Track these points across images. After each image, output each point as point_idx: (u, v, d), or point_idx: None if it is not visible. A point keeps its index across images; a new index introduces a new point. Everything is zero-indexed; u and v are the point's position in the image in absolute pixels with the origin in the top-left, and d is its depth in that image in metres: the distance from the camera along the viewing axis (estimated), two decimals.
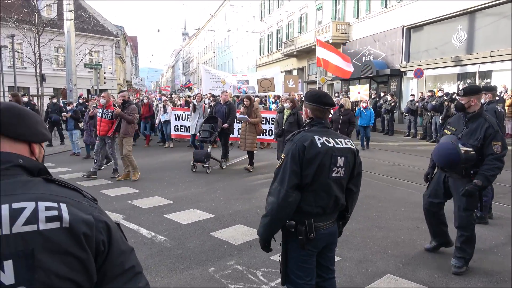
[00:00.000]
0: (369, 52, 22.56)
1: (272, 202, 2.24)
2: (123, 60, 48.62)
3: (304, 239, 2.26)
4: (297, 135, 2.33)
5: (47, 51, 24.86)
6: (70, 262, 1.00)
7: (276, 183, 2.26)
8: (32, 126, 1.14)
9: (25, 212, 0.97)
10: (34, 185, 1.05)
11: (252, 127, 8.62)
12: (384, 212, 5.61)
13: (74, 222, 1.02)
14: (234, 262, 3.98)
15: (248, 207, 5.93)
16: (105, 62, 30.98)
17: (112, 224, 1.13)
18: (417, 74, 16.73)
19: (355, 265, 3.88)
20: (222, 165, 8.95)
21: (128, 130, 7.71)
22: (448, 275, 3.66)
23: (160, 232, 4.87)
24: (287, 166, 2.23)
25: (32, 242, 0.96)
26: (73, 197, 1.09)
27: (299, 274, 2.33)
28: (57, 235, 0.99)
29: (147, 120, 13.21)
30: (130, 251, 1.16)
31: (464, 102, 3.71)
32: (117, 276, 1.10)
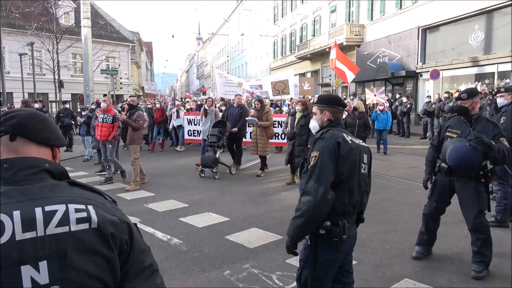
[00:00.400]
0: (383, 54, 22.34)
1: (309, 201, 2.15)
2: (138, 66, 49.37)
3: (339, 241, 2.21)
4: (327, 133, 2.32)
5: (65, 57, 25.41)
6: (98, 262, 1.05)
7: (313, 181, 2.18)
8: (54, 131, 1.19)
9: (57, 214, 1.02)
10: (62, 189, 1.10)
11: (263, 130, 8.47)
12: (401, 216, 5.54)
13: (102, 223, 1.07)
14: (249, 265, 3.98)
15: (263, 210, 5.93)
16: (121, 68, 31.49)
17: (132, 224, 1.18)
18: (433, 75, 16.48)
19: (372, 269, 3.83)
20: (231, 170, 8.77)
21: (134, 137, 7.61)
22: (467, 279, 3.58)
23: (175, 235, 4.91)
24: (324, 163, 2.18)
25: (64, 243, 1.01)
26: (97, 199, 1.13)
27: (324, 280, 2.27)
28: (87, 236, 1.04)
29: (160, 124, 13.18)
30: (148, 249, 1.22)
31: (468, 105, 3.69)
32: (138, 274, 1.14)
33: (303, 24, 32.80)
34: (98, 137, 7.83)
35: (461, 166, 3.55)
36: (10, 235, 0.95)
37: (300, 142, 7.14)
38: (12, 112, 1.13)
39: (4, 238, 0.95)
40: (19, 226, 0.97)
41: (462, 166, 3.55)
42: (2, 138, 1.09)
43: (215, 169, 8.27)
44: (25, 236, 0.97)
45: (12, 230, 0.96)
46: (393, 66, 20.87)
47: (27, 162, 1.08)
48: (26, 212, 0.99)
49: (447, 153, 3.62)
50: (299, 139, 7.14)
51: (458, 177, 3.70)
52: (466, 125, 3.74)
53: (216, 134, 8.52)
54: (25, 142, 1.11)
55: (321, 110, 2.48)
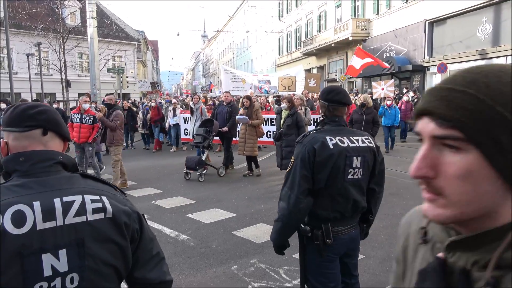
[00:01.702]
0: (390, 48, 22.16)
1: (283, 208, 2.13)
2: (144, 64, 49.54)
3: (321, 245, 2.14)
4: (307, 137, 2.19)
5: (72, 57, 25.60)
6: (113, 250, 1.10)
7: (286, 188, 2.14)
8: (64, 125, 1.24)
9: (74, 204, 1.06)
10: (76, 180, 1.14)
11: (252, 129, 7.94)
12: (408, 210, 5.47)
13: (116, 212, 1.11)
14: (257, 260, 3.99)
15: (269, 206, 5.93)
16: (127, 67, 31.66)
17: (141, 214, 1.23)
18: (441, 69, 16.30)
19: (379, 263, 3.82)
20: (220, 172, 8.19)
21: (113, 138, 7.20)
22: None
23: (183, 231, 4.93)
24: (296, 171, 2.10)
25: (82, 232, 1.05)
26: (109, 191, 1.18)
27: (323, 281, 2.23)
28: (103, 225, 1.08)
29: (156, 123, 12.72)
30: (155, 238, 1.28)
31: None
32: (147, 261, 1.20)
33: (308, 20, 32.65)
34: (76, 139, 7.15)
35: None
36: (31, 225, 0.99)
37: (287, 142, 6.68)
38: (39, 107, 1.18)
39: (26, 227, 0.98)
40: (40, 216, 1.01)
41: None
42: (35, 132, 1.13)
43: (200, 171, 7.76)
44: (45, 226, 1.01)
45: (33, 220, 1.00)
46: (400, 60, 20.70)
47: (43, 155, 1.12)
48: (46, 203, 1.03)
49: None
50: (286, 139, 6.72)
51: None
52: None
53: (202, 134, 8.02)
54: (54, 136, 1.17)
55: (321, 104, 2.38)
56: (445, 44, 18.66)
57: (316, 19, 31.15)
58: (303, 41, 32.31)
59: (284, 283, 3.49)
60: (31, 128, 1.13)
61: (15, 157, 1.09)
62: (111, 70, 23.38)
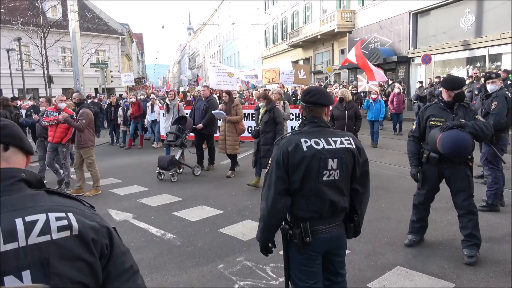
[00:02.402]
0: (375, 40, 22.26)
1: (263, 208, 2.22)
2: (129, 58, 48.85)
3: (299, 243, 2.19)
4: (283, 139, 2.26)
5: (54, 52, 25.06)
6: (81, 267, 1.07)
7: (265, 189, 2.23)
8: (25, 138, 1.20)
9: (38, 224, 1.03)
10: (41, 198, 1.10)
11: (232, 126, 7.52)
12: (393, 203, 5.57)
13: (83, 229, 1.08)
14: (243, 258, 3.99)
15: (256, 202, 5.92)
16: (112, 61, 31.15)
17: (111, 228, 1.20)
18: (425, 60, 16.48)
19: (364, 258, 3.86)
20: (195, 172, 7.86)
21: (81, 140, 6.55)
22: (459, 265, 3.62)
23: (169, 230, 4.90)
24: (272, 173, 2.19)
25: (46, 251, 1.02)
26: (76, 206, 1.14)
27: (302, 277, 2.27)
28: (68, 243, 1.05)
29: (137, 119, 12.39)
30: (128, 251, 1.24)
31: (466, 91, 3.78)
32: (119, 275, 1.17)
33: (294, 11, 32.53)
34: (50, 138, 6.78)
35: (458, 152, 3.59)
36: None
37: (265, 141, 6.45)
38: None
39: None
40: (0, 238, 0.97)
41: (459, 152, 3.59)
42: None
43: (172, 171, 7.45)
44: (6, 248, 0.98)
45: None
46: (385, 51, 20.83)
47: (3, 173, 1.08)
48: (7, 224, 0.99)
49: (440, 142, 3.59)
50: (264, 137, 6.47)
51: (448, 164, 3.74)
52: (448, 112, 3.78)
53: (174, 132, 7.71)
54: (16, 152, 1.14)
55: (301, 106, 2.40)
56: (429, 35, 18.83)
57: (301, 11, 31.05)
58: (289, 33, 32.23)
59: (271, 281, 3.50)
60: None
61: None
62: (94, 64, 23.00)
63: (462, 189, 3.73)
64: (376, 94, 11.22)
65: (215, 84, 13.83)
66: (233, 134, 7.51)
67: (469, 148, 3.56)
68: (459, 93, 3.75)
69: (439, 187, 4.00)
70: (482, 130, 3.55)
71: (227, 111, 7.53)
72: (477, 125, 3.56)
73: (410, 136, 4.10)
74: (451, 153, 3.59)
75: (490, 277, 3.40)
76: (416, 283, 3.35)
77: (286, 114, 7.59)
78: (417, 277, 3.45)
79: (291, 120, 7.97)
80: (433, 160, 3.78)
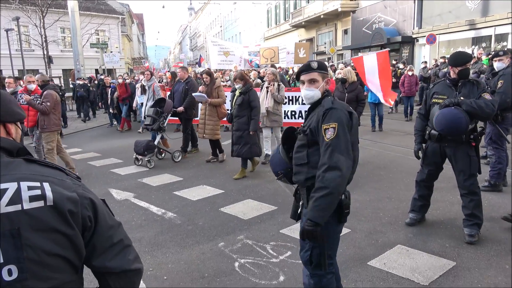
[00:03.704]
0: (379, 19, 21.85)
1: (338, 176, 2.03)
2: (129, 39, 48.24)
3: (345, 212, 2.19)
4: (335, 102, 2.22)
5: (53, 32, 24.78)
6: (57, 239, 1.03)
7: (339, 154, 2.05)
8: (5, 105, 1.12)
9: (7, 192, 0.99)
10: (16, 166, 1.05)
11: (213, 109, 6.98)
12: (395, 183, 5.54)
13: (58, 200, 1.04)
14: (244, 236, 3.99)
15: (257, 182, 5.92)
16: (112, 41, 30.78)
17: (97, 200, 1.15)
18: (430, 40, 16.19)
19: (365, 236, 3.85)
20: (174, 157, 7.41)
21: (45, 123, 6.10)
22: (460, 243, 3.61)
23: (170, 209, 4.90)
24: (343, 136, 2.10)
25: (17, 221, 0.98)
26: (56, 176, 1.09)
27: (334, 247, 2.33)
28: (42, 214, 1.01)
29: (125, 101, 11.82)
30: (118, 225, 1.20)
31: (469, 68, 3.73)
32: (106, 250, 1.14)
33: None
34: (26, 123, 6.37)
35: (449, 130, 3.57)
36: None
37: (238, 126, 5.98)
38: None
39: None
40: None
41: (450, 130, 3.57)
42: None
43: (149, 157, 6.98)
44: None
45: None
46: (389, 31, 20.46)
47: None
48: None
49: (434, 120, 3.63)
50: (237, 122, 5.99)
51: (449, 143, 3.69)
52: (452, 89, 3.71)
53: (151, 115, 7.29)
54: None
55: (323, 76, 2.31)
56: (435, 14, 18.44)
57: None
58: (292, 13, 31.66)
59: (271, 259, 3.50)
60: None
61: None
62: (94, 45, 22.73)
63: (463, 169, 3.69)
64: None
65: (217, 64, 13.54)
66: (214, 118, 7.00)
67: (460, 127, 3.47)
68: (462, 70, 3.66)
69: (442, 166, 3.95)
70: (481, 108, 3.45)
71: (208, 93, 6.98)
72: (476, 103, 3.47)
73: (418, 113, 4.08)
74: (443, 131, 3.60)
75: (491, 255, 3.39)
76: (416, 261, 3.34)
77: (280, 97, 6.82)
78: (417, 255, 3.44)
79: (284, 103, 7.17)
80: (433, 137, 3.76)
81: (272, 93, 6.71)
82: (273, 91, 6.72)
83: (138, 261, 1.22)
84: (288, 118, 9.54)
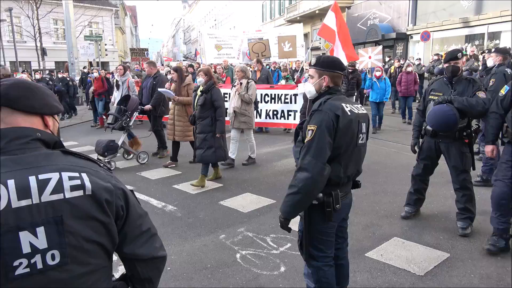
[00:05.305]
0: (374, 16, 21.95)
1: (306, 177, 2.08)
2: (123, 31, 47.81)
3: (332, 211, 2.20)
4: (325, 104, 2.18)
5: (46, 24, 24.50)
6: (95, 226, 1.10)
7: (310, 157, 2.10)
8: (43, 98, 1.18)
9: (51, 182, 1.05)
10: (55, 157, 1.12)
11: (182, 109, 6.39)
12: (390, 178, 5.67)
13: (96, 189, 1.10)
14: (244, 229, 4.08)
15: (255, 176, 6.00)
16: (105, 34, 30.50)
17: (127, 190, 1.22)
18: (424, 37, 16.33)
19: (362, 229, 3.96)
20: (139, 159, 6.92)
21: None
22: (454, 236, 3.74)
23: (170, 202, 4.97)
24: (322, 138, 2.10)
25: (60, 209, 1.05)
26: (91, 167, 1.16)
27: (321, 248, 2.31)
28: (82, 202, 1.08)
29: (101, 96, 11.17)
30: (145, 214, 1.27)
31: (460, 64, 3.81)
32: (136, 237, 1.21)
33: None
34: None
35: (439, 126, 3.71)
36: (6, 203, 0.99)
37: (201, 128, 5.43)
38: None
39: (1, 206, 0.98)
40: (14, 194, 1.00)
41: (440, 126, 3.71)
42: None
43: (109, 158, 6.49)
44: (21, 204, 1.01)
45: (7, 198, 0.99)
46: (384, 28, 20.58)
47: (18, 132, 1.09)
48: (20, 181, 1.02)
49: (427, 116, 3.80)
50: (201, 124, 5.43)
51: (443, 139, 3.82)
52: (448, 87, 3.84)
53: (114, 113, 6.92)
54: (10, 112, 1.11)
55: (320, 73, 2.31)
56: (429, 11, 18.58)
57: None
58: (287, 8, 31.62)
59: (271, 250, 3.60)
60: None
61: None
62: (88, 37, 22.47)
63: (456, 165, 3.83)
64: (380, 71, 9.69)
65: (213, 58, 13.26)
66: (183, 119, 6.38)
67: (450, 123, 3.60)
68: (448, 66, 3.81)
69: (437, 161, 4.08)
70: (472, 106, 3.56)
71: (177, 91, 6.40)
72: (468, 101, 3.59)
73: (417, 109, 4.24)
74: (434, 126, 3.76)
75: (483, 247, 3.51)
76: (412, 253, 3.46)
77: (248, 96, 6.25)
78: (413, 247, 3.56)
79: (250, 103, 6.40)
80: (428, 132, 3.91)
81: (239, 93, 6.27)
82: (239, 90, 6.26)
83: (163, 249, 1.30)
84: (269, 118, 9.13)
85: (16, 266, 0.99)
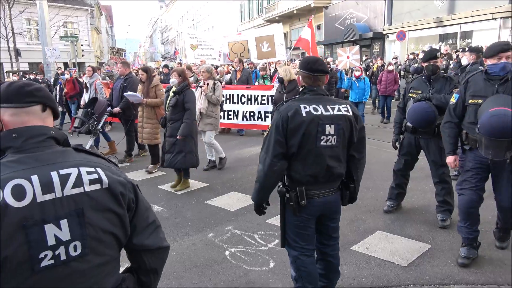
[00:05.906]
0: (351, 16, 22.34)
1: (260, 170, 2.35)
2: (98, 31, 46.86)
3: (295, 206, 2.33)
4: (284, 105, 2.34)
5: (19, 24, 23.77)
6: (111, 218, 1.16)
7: (263, 151, 2.35)
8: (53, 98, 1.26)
9: (71, 177, 1.11)
10: (70, 154, 1.18)
11: (151, 111, 6.23)
12: (372, 174, 5.82)
13: (112, 183, 1.17)
14: (232, 227, 4.13)
15: (240, 175, 6.06)
16: (81, 34, 29.85)
17: (135, 184, 1.30)
18: (400, 36, 16.76)
19: (347, 224, 4.08)
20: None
21: None
22: (434, 228, 3.90)
23: (156, 202, 4.96)
24: (271, 136, 2.29)
25: (81, 202, 1.11)
26: (103, 163, 1.23)
27: (295, 239, 2.43)
28: (100, 195, 1.14)
29: (73, 99, 10.62)
30: (150, 207, 1.35)
31: (439, 63, 4.02)
32: (144, 229, 1.29)
33: None
34: None
35: (418, 122, 3.87)
36: (31, 198, 1.04)
37: (171, 131, 5.22)
38: (34, 84, 1.20)
39: (27, 200, 1.03)
40: (39, 189, 1.05)
41: (419, 122, 3.87)
42: (34, 108, 1.16)
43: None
44: (45, 198, 1.06)
45: (33, 193, 1.04)
46: (361, 27, 20.98)
47: (35, 130, 1.14)
48: (44, 176, 1.07)
49: (407, 113, 3.97)
50: (171, 127, 5.23)
51: (423, 135, 3.98)
52: (426, 85, 4.01)
53: (80, 117, 6.60)
54: (50, 113, 1.21)
55: (298, 73, 2.51)
56: (404, 11, 19.07)
57: None
58: (265, 7, 31.78)
59: (260, 247, 3.66)
60: (31, 104, 1.16)
61: (7, 134, 1.11)
62: (64, 37, 21.99)
63: (435, 159, 4.00)
64: (359, 71, 9.60)
65: (194, 58, 13.15)
66: (152, 121, 6.25)
67: (428, 119, 3.78)
68: (427, 65, 3.98)
69: (417, 156, 4.24)
70: (448, 103, 3.74)
71: (145, 93, 6.21)
72: (445, 98, 3.75)
73: (397, 106, 4.38)
74: (413, 123, 3.91)
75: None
76: (395, 245, 3.59)
77: (215, 97, 6.09)
78: (396, 239, 3.70)
79: (217, 104, 6.25)
80: (408, 129, 4.06)
81: (205, 94, 6.09)
82: (206, 91, 6.08)
83: (166, 239, 1.37)
84: (246, 120, 9.05)
85: (42, 258, 1.04)
